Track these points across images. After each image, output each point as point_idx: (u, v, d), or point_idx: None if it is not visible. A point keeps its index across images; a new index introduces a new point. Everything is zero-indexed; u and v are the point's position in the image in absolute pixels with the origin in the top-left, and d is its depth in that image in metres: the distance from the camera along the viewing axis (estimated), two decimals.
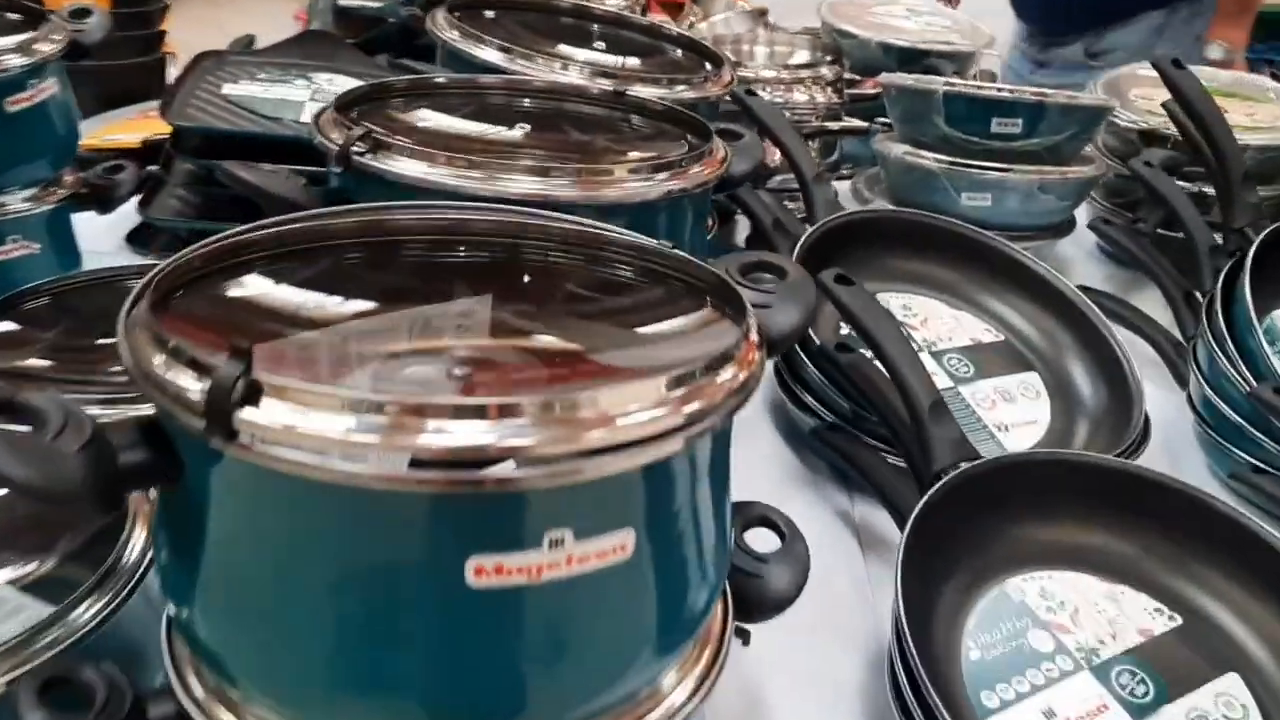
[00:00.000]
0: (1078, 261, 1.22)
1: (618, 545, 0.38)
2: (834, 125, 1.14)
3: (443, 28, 0.84)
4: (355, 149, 0.58)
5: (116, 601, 0.52)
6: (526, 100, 0.74)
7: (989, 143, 1.06)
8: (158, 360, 0.36)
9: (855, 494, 0.81)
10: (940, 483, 0.63)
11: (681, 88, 0.84)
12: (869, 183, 1.20)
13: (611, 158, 0.65)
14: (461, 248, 0.50)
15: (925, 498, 0.62)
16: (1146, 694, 0.60)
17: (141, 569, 0.55)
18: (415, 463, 0.33)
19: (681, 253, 0.47)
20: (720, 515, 0.45)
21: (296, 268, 0.46)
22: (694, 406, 0.37)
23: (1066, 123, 1.06)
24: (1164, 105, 0.95)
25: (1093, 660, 0.61)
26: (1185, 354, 0.96)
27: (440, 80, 0.73)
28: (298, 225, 0.46)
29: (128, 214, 1.09)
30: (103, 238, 1.11)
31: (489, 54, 0.82)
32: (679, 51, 0.93)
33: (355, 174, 0.59)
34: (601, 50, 0.88)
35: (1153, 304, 1.17)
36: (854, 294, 0.71)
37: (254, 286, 0.46)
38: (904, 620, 0.55)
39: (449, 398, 0.38)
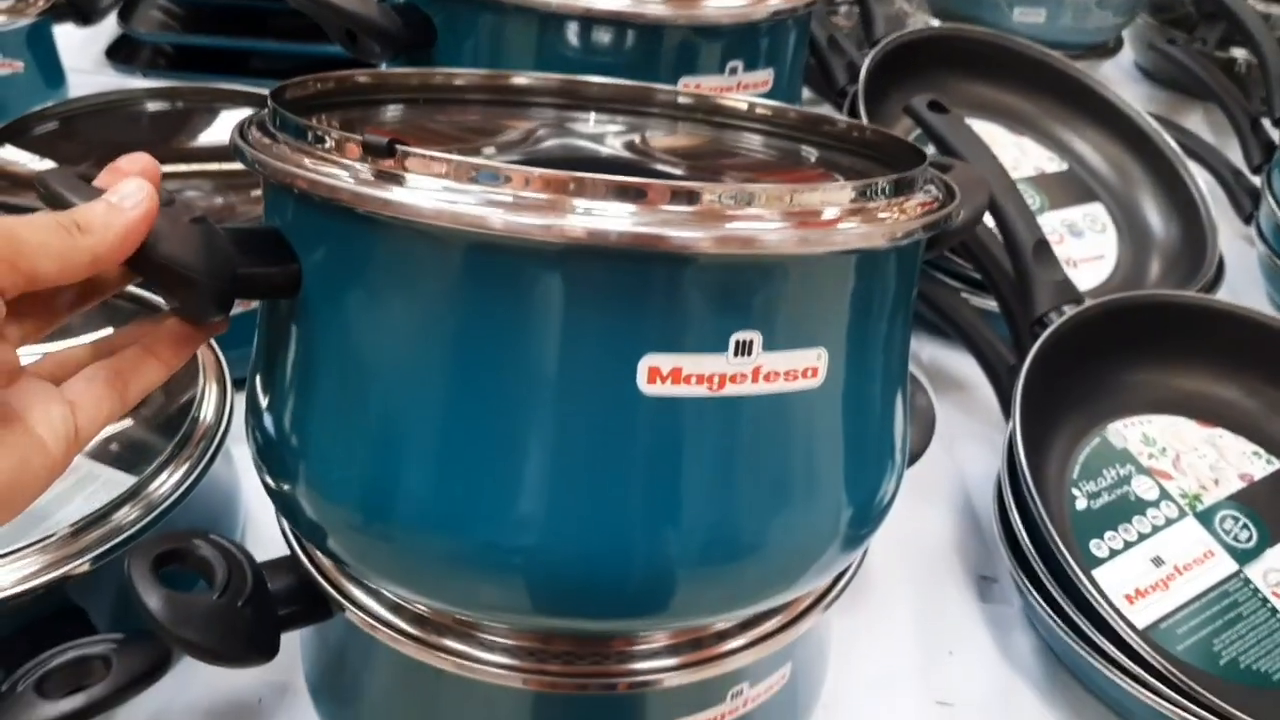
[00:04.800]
0: (1116, 83, 1.16)
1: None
2: None
3: None
4: None
5: (200, 468, 0.48)
6: None
7: None
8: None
9: (924, 336, 0.78)
10: (1051, 329, 0.60)
11: None
12: None
13: None
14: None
15: (1038, 345, 0.59)
16: (1250, 539, 0.59)
17: (220, 432, 0.50)
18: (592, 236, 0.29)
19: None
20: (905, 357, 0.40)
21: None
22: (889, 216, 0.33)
23: None
24: None
25: (1196, 506, 0.60)
26: (1245, 183, 0.93)
27: None
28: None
29: (107, 27, 0.99)
30: (79, 54, 1.01)
31: None
32: None
33: None
34: None
35: (1195, 128, 1.14)
36: (949, 122, 0.66)
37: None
38: (1027, 475, 0.53)
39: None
